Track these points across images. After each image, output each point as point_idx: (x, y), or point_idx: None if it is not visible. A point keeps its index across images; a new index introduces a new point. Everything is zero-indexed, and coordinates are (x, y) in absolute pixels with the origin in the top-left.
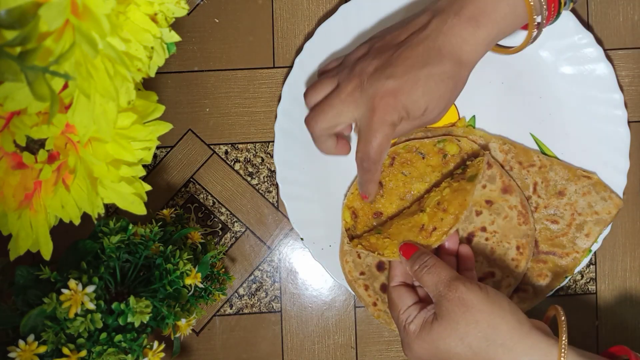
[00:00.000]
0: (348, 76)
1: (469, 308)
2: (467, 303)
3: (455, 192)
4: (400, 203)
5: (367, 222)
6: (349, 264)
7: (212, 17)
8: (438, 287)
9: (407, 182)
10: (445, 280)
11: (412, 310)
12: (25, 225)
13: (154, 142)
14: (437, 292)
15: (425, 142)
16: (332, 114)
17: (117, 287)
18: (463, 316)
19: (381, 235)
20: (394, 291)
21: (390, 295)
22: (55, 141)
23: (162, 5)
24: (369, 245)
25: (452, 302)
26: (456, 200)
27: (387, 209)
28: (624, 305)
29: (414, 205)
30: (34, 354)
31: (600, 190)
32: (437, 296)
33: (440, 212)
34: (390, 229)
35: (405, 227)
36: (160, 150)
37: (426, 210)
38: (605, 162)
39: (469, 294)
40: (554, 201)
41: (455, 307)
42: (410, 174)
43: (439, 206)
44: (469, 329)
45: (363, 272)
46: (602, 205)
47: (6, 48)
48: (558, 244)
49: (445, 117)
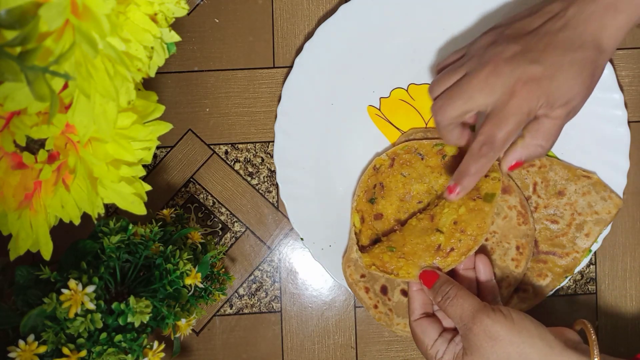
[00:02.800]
0: (479, 62)
1: (497, 341)
2: (494, 336)
3: (472, 211)
4: (400, 204)
5: (370, 224)
6: (350, 267)
7: (212, 17)
8: (463, 320)
9: (406, 183)
10: (469, 312)
11: (440, 345)
12: (25, 225)
13: (154, 142)
14: (463, 325)
15: (424, 143)
16: (463, 100)
17: (117, 287)
18: (492, 350)
19: (395, 254)
20: (417, 326)
21: (414, 331)
22: (55, 141)
23: (162, 5)
24: (382, 265)
25: (478, 336)
26: (474, 221)
27: (387, 210)
28: (624, 305)
29: (424, 219)
30: (34, 354)
31: (600, 190)
32: (463, 329)
33: (458, 232)
34: (405, 248)
35: (420, 246)
36: (160, 150)
37: (443, 231)
38: (605, 162)
39: (494, 325)
40: (554, 201)
41: (483, 341)
42: (409, 175)
43: (456, 226)
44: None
45: (364, 275)
46: (602, 205)
47: (6, 48)
48: (558, 244)
49: None
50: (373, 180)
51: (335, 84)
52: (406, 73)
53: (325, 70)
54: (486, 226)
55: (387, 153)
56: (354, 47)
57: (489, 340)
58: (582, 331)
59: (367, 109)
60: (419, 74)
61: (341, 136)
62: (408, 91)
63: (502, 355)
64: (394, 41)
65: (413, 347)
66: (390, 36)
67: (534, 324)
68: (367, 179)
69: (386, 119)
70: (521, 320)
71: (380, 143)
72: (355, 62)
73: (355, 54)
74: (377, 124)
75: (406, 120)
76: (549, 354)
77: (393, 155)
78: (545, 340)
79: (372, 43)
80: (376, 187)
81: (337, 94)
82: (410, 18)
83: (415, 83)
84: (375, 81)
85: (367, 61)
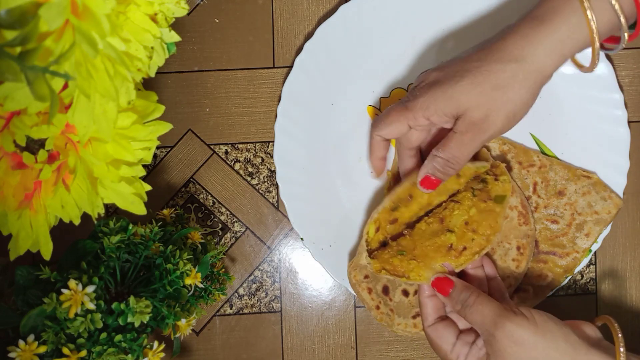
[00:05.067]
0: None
1: (521, 346)
2: (518, 341)
3: (482, 212)
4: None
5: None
6: (356, 270)
7: (212, 17)
8: (484, 326)
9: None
10: (490, 318)
11: (460, 348)
12: (25, 225)
13: (154, 142)
14: (485, 331)
15: None
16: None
17: (117, 287)
18: (517, 355)
19: (405, 257)
20: (432, 331)
21: (430, 337)
22: (55, 141)
23: (162, 5)
24: (392, 269)
25: (502, 342)
26: (485, 221)
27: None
28: (624, 305)
29: (434, 222)
30: (34, 354)
31: (600, 190)
32: (485, 335)
33: (470, 232)
34: (416, 251)
35: (431, 247)
36: (160, 150)
37: (454, 231)
38: (605, 162)
39: (518, 330)
40: (554, 201)
41: (507, 347)
42: None
43: (467, 226)
44: None
45: (367, 276)
46: (602, 205)
47: (6, 48)
48: (558, 244)
49: None
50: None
51: (335, 84)
52: (406, 73)
53: (325, 70)
54: (498, 226)
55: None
56: (353, 47)
57: (513, 345)
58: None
59: (367, 109)
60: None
61: (341, 136)
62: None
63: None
64: (394, 41)
65: (413, 347)
66: (390, 36)
67: (557, 325)
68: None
69: None
70: (544, 322)
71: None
72: (355, 62)
73: (355, 54)
74: None
75: None
76: (574, 356)
77: None
78: (569, 342)
79: (371, 43)
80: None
81: (337, 94)
82: (411, 18)
83: None
84: (375, 81)
85: (367, 61)
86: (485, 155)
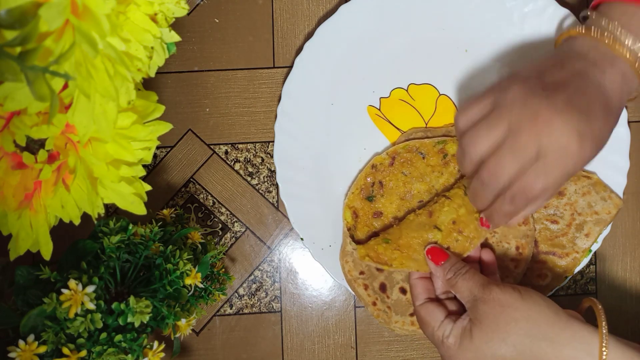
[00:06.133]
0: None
1: (505, 308)
2: (502, 303)
3: (472, 213)
4: (400, 203)
5: (367, 221)
6: (349, 263)
7: (212, 17)
8: (472, 291)
9: (407, 182)
10: (479, 284)
11: (447, 324)
12: (25, 225)
13: (154, 142)
14: (472, 296)
15: (425, 142)
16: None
17: (117, 287)
18: (501, 316)
19: (390, 245)
20: (422, 309)
21: (420, 314)
22: (55, 141)
23: (162, 5)
24: (376, 256)
25: (488, 303)
26: (472, 224)
27: (387, 208)
28: (624, 305)
29: (422, 214)
30: (34, 354)
31: (600, 190)
32: (471, 300)
33: (456, 232)
34: (401, 241)
35: (416, 240)
36: (160, 150)
37: (441, 229)
38: (605, 162)
39: (503, 294)
40: (554, 201)
41: (492, 308)
42: (410, 174)
43: (454, 226)
44: (509, 328)
45: (363, 272)
46: (602, 205)
47: (6, 48)
48: (558, 244)
49: (445, 118)
50: (371, 179)
51: (335, 84)
52: (406, 73)
53: (325, 70)
54: (484, 231)
55: (387, 152)
56: (353, 47)
57: (498, 307)
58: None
59: (367, 109)
60: (419, 74)
61: (341, 136)
62: (408, 91)
63: (510, 321)
64: (394, 41)
65: (413, 347)
66: (390, 36)
67: (540, 296)
68: (365, 176)
69: (386, 119)
70: (527, 291)
71: (380, 143)
72: (355, 62)
73: (355, 54)
74: (377, 124)
75: (406, 120)
76: (556, 320)
77: (393, 154)
78: (552, 308)
79: (371, 43)
80: (374, 185)
81: (337, 94)
82: (410, 18)
83: (415, 83)
84: (375, 81)
85: (367, 61)
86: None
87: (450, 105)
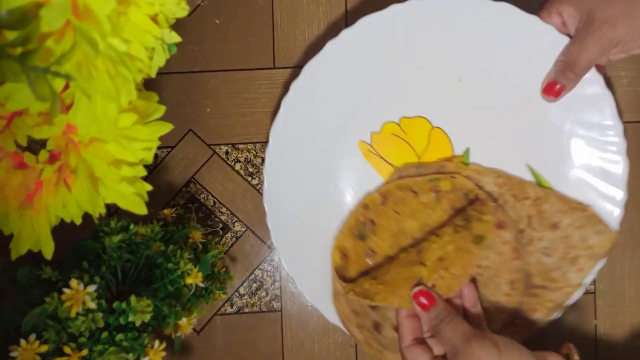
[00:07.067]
0: None
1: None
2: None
3: (459, 251)
4: (393, 240)
5: (360, 260)
6: (343, 305)
7: (212, 17)
8: (454, 342)
9: (399, 220)
10: (462, 336)
11: None
12: (27, 225)
13: (155, 142)
14: (453, 348)
15: (418, 180)
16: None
17: (118, 286)
18: None
19: (376, 281)
20: (408, 352)
21: (406, 357)
22: (56, 141)
23: (163, 6)
24: (362, 291)
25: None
26: (460, 261)
27: (379, 246)
28: (623, 305)
29: (412, 252)
30: (35, 353)
31: (595, 223)
32: (452, 352)
33: (442, 269)
34: (387, 277)
35: (401, 276)
36: (161, 150)
37: (427, 264)
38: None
39: (481, 351)
40: (548, 234)
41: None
42: (403, 212)
43: (440, 262)
44: None
45: (357, 312)
46: (596, 239)
47: (7, 49)
48: (551, 278)
49: (438, 152)
50: (362, 218)
51: (324, 122)
52: (397, 106)
53: (313, 109)
54: (471, 268)
55: (379, 191)
56: (342, 83)
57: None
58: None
59: (358, 145)
60: (411, 107)
61: (333, 176)
62: (400, 125)
63: None
64: (384, 74)
65: None
66: (380, 69)
67: (520, 354)
68: (356, 216)
69: (378, 155)
70: (507, 349)
71: (373, 179)
72: (344, 98)
73: (344, 90)
74: (369, 160)
75: (399, 155)
76: None
77: (386, 193)
78: None
79: (361, 78)
80: (366, 225)
81: (326, 132)
82: (401, 51)
83: (407, 116)
84: (365, 116)
85: (356, 96)
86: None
87: (443, 137)
